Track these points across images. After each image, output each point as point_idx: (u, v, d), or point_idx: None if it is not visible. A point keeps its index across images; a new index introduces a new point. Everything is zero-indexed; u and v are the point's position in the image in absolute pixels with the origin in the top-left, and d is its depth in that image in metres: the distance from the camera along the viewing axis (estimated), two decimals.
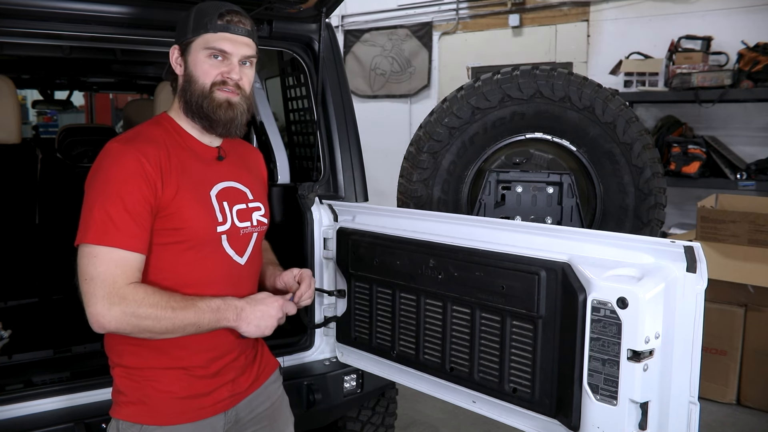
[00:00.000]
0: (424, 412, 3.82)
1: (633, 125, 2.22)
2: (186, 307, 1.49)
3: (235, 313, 1.57)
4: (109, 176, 1.49)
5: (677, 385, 1.42)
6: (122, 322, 1.44)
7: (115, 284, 1.43)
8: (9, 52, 3.54)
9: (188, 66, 1.61)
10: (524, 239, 1.72)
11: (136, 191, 1.48)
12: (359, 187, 2.68)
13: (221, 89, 1.59)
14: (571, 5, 5.94)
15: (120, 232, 1.45)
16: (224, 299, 1.57)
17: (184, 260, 1.57)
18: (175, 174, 1.56)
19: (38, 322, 3.12)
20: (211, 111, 1.59)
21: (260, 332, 1.61)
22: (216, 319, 1.54)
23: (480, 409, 1.85)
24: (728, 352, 3.99)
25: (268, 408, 1.79)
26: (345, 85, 2.74)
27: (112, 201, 1.46)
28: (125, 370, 1.59)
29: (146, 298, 1.45)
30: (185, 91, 1.62)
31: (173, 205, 1.54)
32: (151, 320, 1.45)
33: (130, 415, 1.57)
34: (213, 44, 1.58)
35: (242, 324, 1.58)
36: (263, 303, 1.62)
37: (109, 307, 1.42)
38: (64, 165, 3.69)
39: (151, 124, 1.65)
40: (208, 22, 1.58)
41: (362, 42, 7.44)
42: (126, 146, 1.53)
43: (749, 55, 4.58)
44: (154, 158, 1.53)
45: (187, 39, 1.60)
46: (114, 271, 1.44)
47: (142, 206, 1.49)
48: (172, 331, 1.49)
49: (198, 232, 1.58)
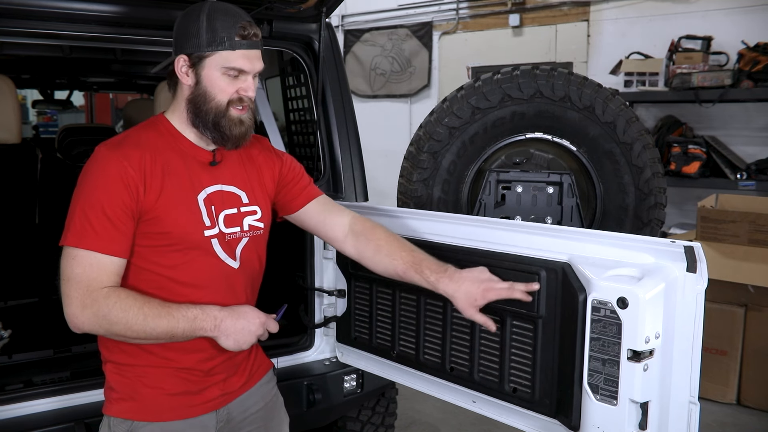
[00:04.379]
0: (424, 412, 3.82)
1: (633, 125, 2.22)
2: (159, 315, 1.47)
3: (213, 324, 1.54)
4: (92, 181, 1.50)
5: (677, 385, 1.42)
6: (94, 325, 1.45)
7: (89, 287, 1.44)
8: (9, 52, 3.54)
9: (202, 81, 1.57)
10: (524, 239, 1.72)
11: (116, 197, 1.48)
12: (359, 187, 2.68)
13: (236, 108, 1.58)
14: (571, 5, 5.94)
15: (98, 236, 1.46)
16: (203, 308, 1.54)
17: (169, 262, 1.56)
18: (159, 178, 1.54)
19: (38, 322, 3.12)
20: (228, 129, 1.59)
21: (237, 347, 1.58)
22: (191, 328, 1.51)
23: (480, 409, 1.85)
24: (728, 352, 3.99)
25: (262, 408, 1.79)
26: (345, 85, 2.74)
27: (91, 205, 1.47)
28: (116, 366, 1.59)
29: (118, 303, 1.44)
30: (195, 104, 1.59)
31: (156, 209, 1.53)
32: (122, 325, 1.45)
33: (121, 412, 1.57)
34: (232, 64, 1.55)
35: (220, 336, 1.55)
36: (245, 317, 1.59)
37: (82, 309, 1.44)
38: (64, 165, 3.69)
39: (144, 127, 1.63)
40: (226, 37, 1.53)
41: (362, 42, 7.44)
42: (111, 151, 1.53)
43: (749, 55, 4.58)
44: (138, 162, 1.52)
45: (202, 53, 1.55)
46: (90, 274, 1.45)
47: (122, 211, 1.49)
48: (144, 337, 1.49)
49: (183, 236, 1.56)
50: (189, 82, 1.59)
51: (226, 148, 1.65)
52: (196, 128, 1.62)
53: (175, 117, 1.64)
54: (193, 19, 1.56)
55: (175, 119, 1.64)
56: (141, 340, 1.51)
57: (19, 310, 3.33)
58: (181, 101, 1.62)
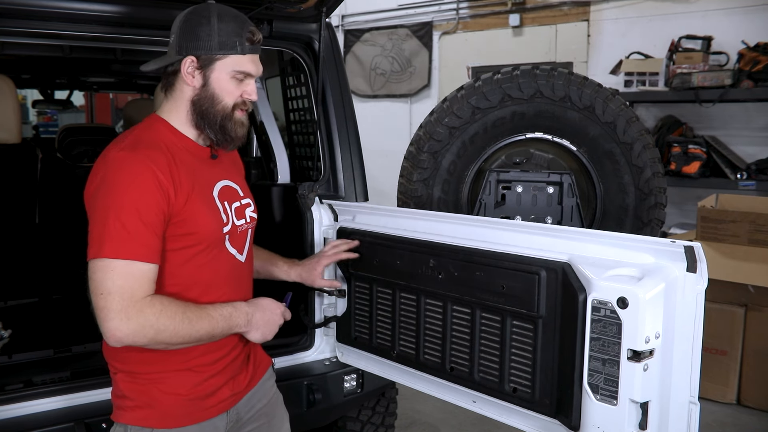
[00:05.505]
0: (424, 411, 3.82)
1: (633, 125, 2.22)
2: (201, 317, 1.50)
3: (245, 319, 1.61)
4: (120, 186, 1.44)
5: (677, 385, 1.42)
6: (139, 335, 1.42)
7: (132, 297, 1.41)
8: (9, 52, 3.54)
9: (209, 83, 1.57)
10: (524, 239, 1.72)
11: (152, 201, 1.45)
12: (359, 187, 2.68)
13: (241, 110, 1.62)
14: (571, 5, 5.94)
15: (137, 245, 1.42)
16: (234, 306, 1.59)
17: (194, 263, 1.57)
18: (185, 179, 1.54)
19: (38, 322, 3.12)
20: (233, 131, 1.62)
21: (263, 338, 1.66)
22: (228, 326, 1.57)
23: (480, 409, 1.85)
24: (728, 352, 3.99)
25: (266, 405, 1.80)
26: (345, 85, 2.74)
27: (127, 212, 1.42)
28: (129, 374, 1.58)
29: (164, 310, 1.43)
30: (201, 106, 1.59)
31: (186, 211, 1.52)
32: (169, 332, 1.44)
33: (138, 420, 1.56)
34: (243, 68, 1.58)
35: (251, 330, 1.63)
36: (269, 309, 1.68)
37: (127, 321, 1.40)
38: (64, 165, 3.69)
39: (146, 128, 1.61)
40: (237, 41, 1.55)
41: (362, 42, 7.44)
42: (133, 154, 1.48)
43: (749, 55, 4.58)
44: (164, 165, 1.50)
45: (213, 55, 1.55)
46: (132, 284, 1.41)
47: (157, 216, 1.46)
48: (188, 341, 1.50)
49: (208, 235, 1.58)
50: (195, 83, 1.58)
51: (228, 149, 1.68)
52: (200, 129, 1.61)
53: (173, 117, 1.62)
54: (203, 22, 1.55)
55: (174, 119, 1.62)
56: (183, 345, 1.51)
57: (19, 310, 3.32)
58: (181, 102, 1.61)
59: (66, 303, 3.35)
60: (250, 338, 1.65)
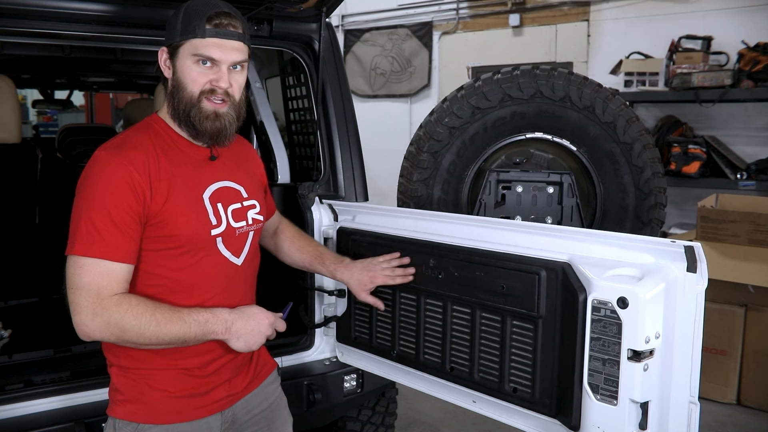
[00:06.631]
0: (424, 411, 3.82)
1: (633, 125, 2.22)
2: (171, 320, 1.47)
3: (224, 327, 1.55)
4: (96, 186, 1.47)
5: (677, 385, 1.42)
6: (105, 332, 1.44)
7: (99, 295, 1.43)
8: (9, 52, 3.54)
9: (176, 71, 1.56)
10: (524, 239, 1.72)
11: (123, 201, 1.46)
12: (359, 187, 2.68)
13: (209, 99, 1.55)
14: (571, 5, 5.94)
15: (106, 244, 1.44)
16: (213, 312, 1.55)
17: (178, 265, 1.56)
18: (165, 180, 1.53)
19: (38, 321, 3.12)
20: (198, 122, 1.56)
21: (247, 348, 1.60)
22: (203, 332, 1.52)
23: (480, 409, 1.85)
24: (728, 352, 3.99)
25: (266, 409, 1.79)
26: (345, 85, 2.74)
27: (98, 212, 1.44)
28: (122, 369, 1.59)
29: (130, 310, 1.44)
30: (173, 96, 1.58)
31: (164, 213, 1.52)
32: (134, 333, 1.44)
33: (127, 414, 1.57)
34: (201, 51, 1.52)
35: (231, 338, 1.57)
36: (254, 319, 1.61)
37: (93, 317, 1.42)
38: (64, 165, 3.69)
39: (140, 128, 1.61)
40: (196, 26, 1.51)
41: (362, 42, 7.44)
42: (113, 154, 1.50)
43: (749, 55, 4.58)
44: (143, 166, 1.50)
45: (176, 42, 1.54)
46: (99, 282, 1.43)
47: (130, 216, 1.47)
48: (156, 343, 1.48)
49: (191, 237, 1.56)
50: (169, 74, 1.59)
51: (203, 144, 1.63)
52: (178, 123, 1.60)
53: (167, 116, 1.63)
54: (177, 13, 1.57)
55: (167, 117, 1.62)
56: (152, 346, 1.50)
57: (19, 310, 3.33)
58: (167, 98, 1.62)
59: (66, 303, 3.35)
60: (231, 346, 1.58)
